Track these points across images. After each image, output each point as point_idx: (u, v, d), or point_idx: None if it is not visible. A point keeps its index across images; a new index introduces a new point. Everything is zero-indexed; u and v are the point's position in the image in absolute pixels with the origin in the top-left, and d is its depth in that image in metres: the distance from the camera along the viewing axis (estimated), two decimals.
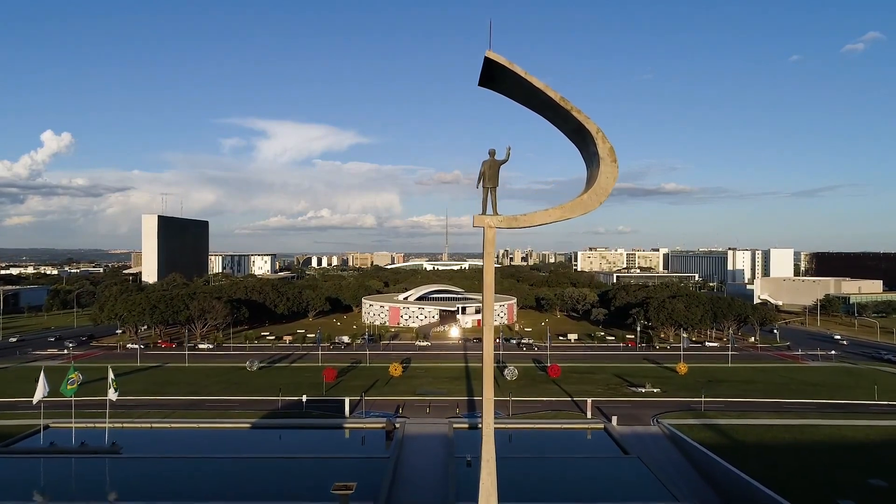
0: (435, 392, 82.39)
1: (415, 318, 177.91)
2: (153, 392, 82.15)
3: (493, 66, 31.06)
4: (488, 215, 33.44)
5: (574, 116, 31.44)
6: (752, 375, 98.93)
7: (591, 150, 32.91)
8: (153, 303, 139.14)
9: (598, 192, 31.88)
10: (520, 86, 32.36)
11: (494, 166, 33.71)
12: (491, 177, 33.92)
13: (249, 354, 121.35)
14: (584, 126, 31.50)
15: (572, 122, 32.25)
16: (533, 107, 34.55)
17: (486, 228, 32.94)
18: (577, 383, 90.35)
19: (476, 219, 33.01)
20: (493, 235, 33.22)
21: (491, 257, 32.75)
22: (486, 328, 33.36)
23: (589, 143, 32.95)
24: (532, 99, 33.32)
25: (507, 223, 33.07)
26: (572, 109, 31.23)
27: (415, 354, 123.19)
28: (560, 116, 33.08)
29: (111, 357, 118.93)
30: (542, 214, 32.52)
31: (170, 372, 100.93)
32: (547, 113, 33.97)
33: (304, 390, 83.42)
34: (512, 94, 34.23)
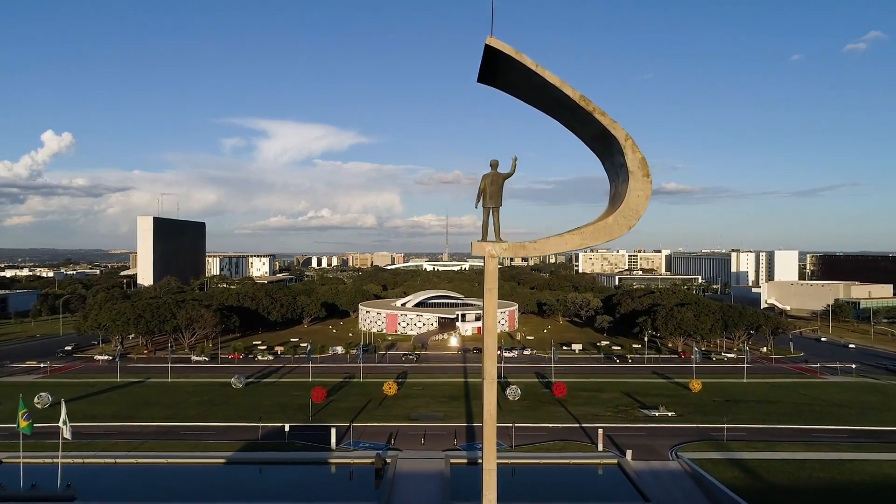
0: (431, 416, 76.11)
1: (413, 326, 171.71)
2: (125, 416, 75.87)
3: (496, 57, 24.90)
4: (490, 241, 27.33)
5: (597, 120, 25.27)
6: (771, 393, 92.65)
7: (617, 162, 26.81)
8: (138, 312, 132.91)
9: (627, 215, 25.76)
10: (528, 81, 26.15)
11: (497, 181, 27.31)
12: (493, 194, 27.06)
13: (237, 368, 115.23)
14: (610, 132, 25.35)
15: (594, 126, 26.10)
16: (543, 107, 28.32)
17: (488, 258, 26.80)
18: (584, 404, 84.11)
19: (475, 246, 26.91)
20: (495, 266, 27.08)
21: (493, 294, 26.58)
22: (487, 381, 27.31)
23: (614, 152, 26.84)
24: (543, 97, 27.13)
25: (514, 251, 26.89)
26: (595, 111, 25.06)
27: (411, 367, 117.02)
28: (578, 119, 26.95)
29: (91, 371, 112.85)
30: (556, 241, 26.37)
31: (149, 389, 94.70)
32: (561, 114, 27.80)
33: (289, 413, 77.31)
34: (517, 91, 27.99)
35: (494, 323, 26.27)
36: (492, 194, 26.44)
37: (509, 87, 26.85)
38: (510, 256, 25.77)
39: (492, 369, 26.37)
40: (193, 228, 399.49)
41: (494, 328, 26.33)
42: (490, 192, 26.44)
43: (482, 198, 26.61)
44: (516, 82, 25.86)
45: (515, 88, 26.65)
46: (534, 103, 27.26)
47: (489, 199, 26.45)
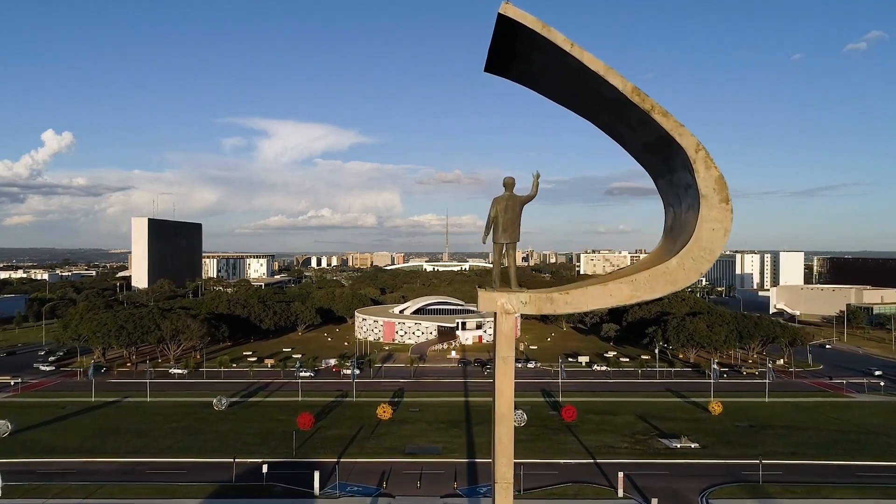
0: (428, 450, 68.75)
1: (411, 335, 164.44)
2: (89, 448, 68.47)
3: (512, 33, 17.43)
4: (503, 290, 19.94)
5: (655, 122, 17.74)
6: (798, 417, 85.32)
7: (681, 181, 19.22)
8: (120, 322, 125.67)
9: (698, 256, 18.22)
10: (555, 68, 18.42)
11: (514, 207, 18.50)
12: (508, 225, 18.50)
13: (223, 384, 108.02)
14: (673, 139, 17.80)
15: (648, 130, 18.53)
16: (575, 103, 20.61)
17: (501, 315, 19.33)
18: (596, 431, 76.85)
19: (484, 298, 19.18)
20: (512, 326, 19.73)
21: (509, 364, 19.25)
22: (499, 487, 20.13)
23: (676, 167, 19.24)
24: (575, 90, 19.45)
25: (537, 305, 19.22)
26: (653, 110, 17.49)
27: (408, 383, 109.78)
28: (626, 121, 19.41)
29: (67, 387, 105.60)
30: (597, 292, 18.83)
31: (124, 412, 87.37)
32: (600, 114, 20.19)
33: (271, 444, 70.07)
34: (538, 83, 20.20)
35: (510, 407, 19.00)
36: (506, 225, 18.96)
37: (527, 77, 19.41)
38: (533, 313, 18.27)
39: (507, 471, 19.10)
40: (189, 229, 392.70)
41: (510, 414, 19.05)
42: (504, 221, 18.93)
43: (493, 230, 19.21)
44: (538, 69, 18.44)
45: (536, 78, 19.22)
46: (561, 98, 19.83)
47: (502, 232, 18.98)
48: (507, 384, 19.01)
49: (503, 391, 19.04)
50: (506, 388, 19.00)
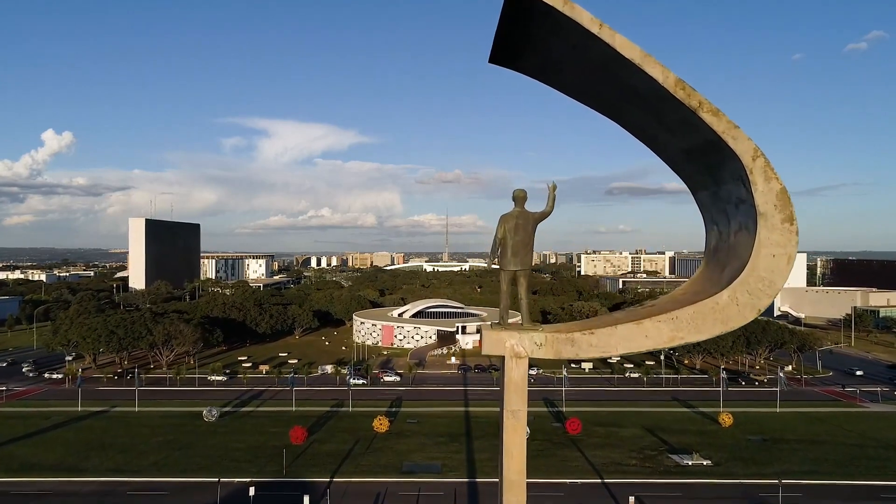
0: (427, 467, 65.27)
1: (410, 339, 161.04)
2: (69, 466, 64.94)
3: (526, 12, 13.87)
4: (514, 327, 14.72)
5: (703, 122, 13.86)
6: (812, 429, 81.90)
7: (730, 195, 15.35)
8: (110, 328, 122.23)
9: (755, 289, 14.41)
10: (577, 55, 14.48)
11: (526, 226, 14.46)
12: (519, 247, 14.57)
13: (214, 393, 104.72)
14: (724, 144, 13.86)
15: (694, 132, 14.64)
16: (598, 99, 17.01)
17: (510, 359, 15.77)
18: (603, 445, 73.43)
19: (489, 338, 15.09)
20: (523, 373, 16.08)
21: (520, 420, 15.75)
22: None
23: (725, 178, 15.36)
24: (600, 83, 15.78)
25: (555, 347, 15.16)
26: (701, 107, 13.59)
27: (406, 392, 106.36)
28: (664, 121, 15.51)
29: (54, 395, 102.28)
30: (629, 332, 14.87)
31: (110, 423, 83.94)
32: (630, 112, 16.34)
33: (261, 461, 66.62)
34: (550, 74, 16.53)
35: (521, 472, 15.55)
36: (516, 248, 15.40)
37: (540, 69, 15.87)
38: (550, 357, 14.43)
39: None
40: (187, 230, 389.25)
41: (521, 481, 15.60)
42: (514, 244, 15.33)
43: (500, 253, 15.73)
44: (555, 59, 14.90)
45: (551, 70, 15.68)
46: (581, 94, 16.28)
47: (511, 256, 15.42)
48: (518, 444, 15.56)
49: (513, 453, 15.55)
50: (516, 449, 15.54)
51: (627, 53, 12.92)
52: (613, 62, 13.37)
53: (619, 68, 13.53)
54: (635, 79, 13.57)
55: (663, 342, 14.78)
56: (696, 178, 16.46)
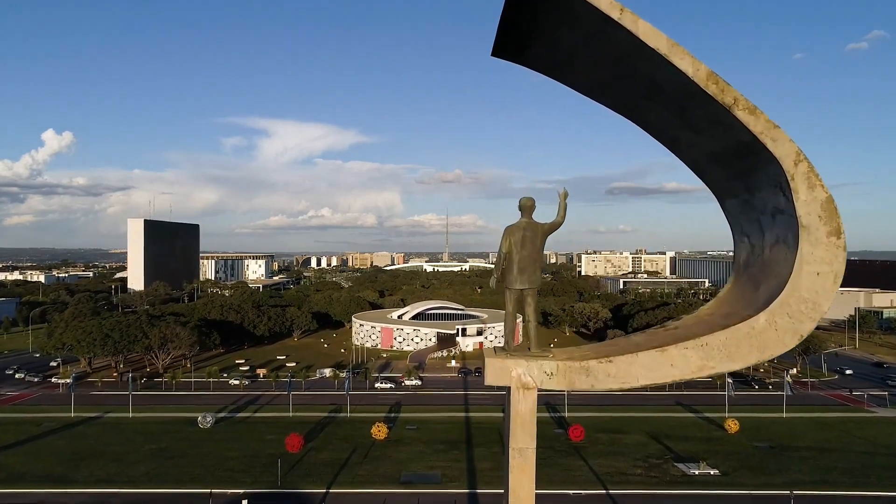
0: (426, 477, 63.49)
1: (409, 341, 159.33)
2: (58, 476, 63.11)
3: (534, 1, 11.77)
4: (521, 354, 12.61)
5: (737, 122, 12.42)
6: (820, 436, 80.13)
7: (766, 203, 13.31)
8: (106, 331, 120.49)
9: (797, 312, 12.26)
10: (590, 47, 12.60)
11: (535, 238, 12.34)
12: (527, 262, 12.57)
13: (210, 397, 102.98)
14: (763, 146, 12.07)
15: (726, 133, 12.47)
16: (609, 94, 14.95)
17: (517, 391, 13.96)
18: (607, 453, 71.64)
19: (493, 366, 12.87)
20: (532, 405, 14.22)
21: (528, 460, 14.01)
22: None
23: (760, 183, 13.38)
24: (615, 77, 13.79)
25: (567, 378, 13.06)
26: (736, 105, 11.98)
27: (406, 396, 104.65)
28: (689, 121, 13.37)
29: (48, 400, 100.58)
30: (650, 362, 12.85)
31: (102, 430, 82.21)
32: (651, 109, 14.07)
33: (256, 470, 64.82)
34: (561, 68, 14.34)
35: None
36: (523, 264, 13.51)
37: (549, 62, 13.98)
38: (562, 388, 12.32)
39: None
40: (187, 230, 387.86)
41: None
42: (520, 259, 13.29)
43: (506, 269, 14.00)
44: (567, 50, 13.07)
45: (562, 63, 13.79)
46: (595, 90, 14.32)
47: (518, 273, 13.56)
48: (526, 486, 13.76)
49: (520, 495, 13.73)
50: (523, 491, 13.72)
51: (652, 42, 11.17)
52: (634, 53, 11.63)
53: (641, 60, 11.78)
54: (659, 72, 11.82)
55: (691, 372, 13.03)
56: (724, 183, 14.68)
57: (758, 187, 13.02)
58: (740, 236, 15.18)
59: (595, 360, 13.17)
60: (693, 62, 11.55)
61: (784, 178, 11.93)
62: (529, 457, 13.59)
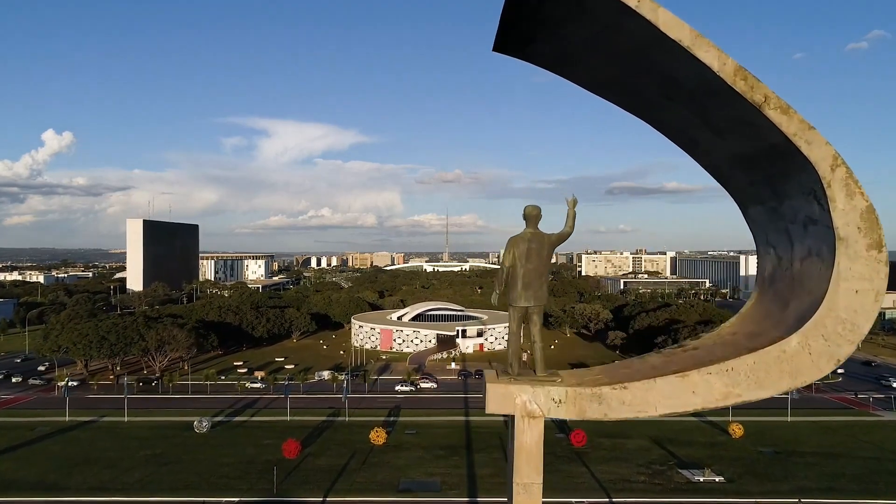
0: (425, 485, 62.26)
1: (409, 343, 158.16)
2: (49, 484, 61.93)
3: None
4: (526, 379, 10.92)
5: (767, 122, 11.05)
6: (826, 440, 78.93)
7: (797, 212, 11.77)
8: (102, 333, 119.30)
9: (834, 335, 10.62)
10: (603, 40, 11.21)
11: (542, 250, 11.04)
12: (532, 278, 11.19)
13: (207, 400, 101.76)
14: (796, 149, 10.86)
15: (752, 134, 10.90)
16: (622, 92, 13.52)
17: (522, 420, 12.66)
18: (609, 459, 70.44)
19: (495, 392, 11.24)
20: (539, 436, 12.90)
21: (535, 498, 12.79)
22: None
23: (790, 190, 11.99)
24: (629, 73, 12.56)
25: (578, 406, 11.48)
26: (767, 104, 10.46)
27: (405, 399, 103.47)
28: (710, 121, 11.92)
29: (43, 404, 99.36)
30: (670, 389, 11.12)
31: (97, 435, 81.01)
32: (666, 109, 13.49)
33: (252, 477, 63.60)
34: (569, 64, 12.75)
35: None
36: (528, 279, 11.84)
37: (557, 58, 12.59)
38: (572, 417, 10.79)
39: None
40: (186, 231, 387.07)
41: None
42: (525, 272, 11.78)
43: (510, 284, 12.23)
44: (577, 44, 11.74)
45: (571, 58, 12.38)
46: (606, 87, 12.90)
47: (523, 289, 11.93)
48: None
49: None
50: None
51: (674, 34, 9.91)
52: (652, 46, 10.38)
53: (659, 54, 10.53)
54: (680, 67, 10.56)
55: (714, 400, 11.79)
56: (748, 189, 13.39)
57: (787, 194, 11.75)
58: (765, 247, 13.90)
59: (608, 386, 11.94)
60: (719, 55, 10.29)
61: (819, 184, 10.68)
62: (535, 493, 12.31)
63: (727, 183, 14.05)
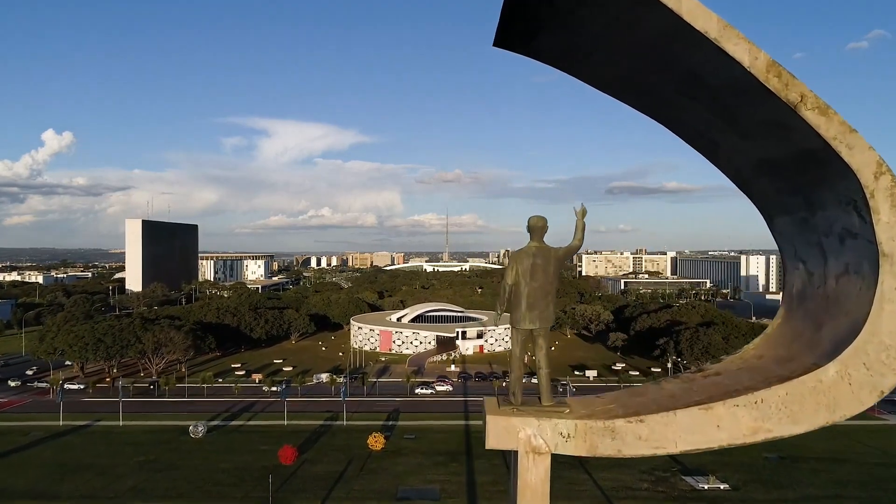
0: (424, 493, 61.04)
1: (408, 344, 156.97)
2: (41, 490, 60.66)
3: None
4: (531, 410, 9.30)
5: (803, 125, 9.89)
6: (831, 445, 77.59)
7: (832, 223, 10.35)
8: (98, 336, 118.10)
9: (877, 363, 9.06)
10: (617, 33, 9.83)
11: (547, 266, 9.40)
12: (538, 298, 9.60)
13: (204, 403, 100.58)
14: (836, 154, 10.00)
15: (784, 138, 9.46)
16: (636, 91, 12.33)
17: (526, 456, 11.55)
18: (612, 465, 69.08)
19: (495, 424, 9.80)
20: (545, 473, 11.60)
21: None
22: None
23: (824, 199, 10.25)
24: (646, 70, 11.43)
25: (588, 442, 9.68)
26: (803, 103, 9.19)
27: (404, 402, 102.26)
28: (734, 123, 10.69)
29: (38, 407, 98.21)
30: (692, 423, 9.80)
31: (90, 440, 79.78)
32: (686, 109, 12.12)
33: (247, 485, 62.45)
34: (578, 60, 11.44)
35: None
36: (533, 298, 10.51)
37: (563, 51, 11.29)
38: (582, 454, 9.32)
39: None
40: (185, 231, 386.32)
41: None
42: (530, 291, 10.36)
43: (512, 304, 11.45)
44: (588, 35, 10.50)
45: (580, 54, 11.13)
46: (615, 85, 11.47)
47: (528, 308, 10.92)
48: None
49: None
50: None
51: (700, 25, 8.65)
52: (673, 39, 9.15)
53: (681, 48, 9.28)
54: (704, 62, 9.31)
55: (742, 436, 10.55)
56: (776, 198, 12.09)
57: (822, 204, 10.49)
58: (794, 262, 12.61)
59: (622, 418, 10.70)
60: (750, 49, 9.04)
61: (861, 194, 9.46)
62: None
63: (750, 190, 12.77)
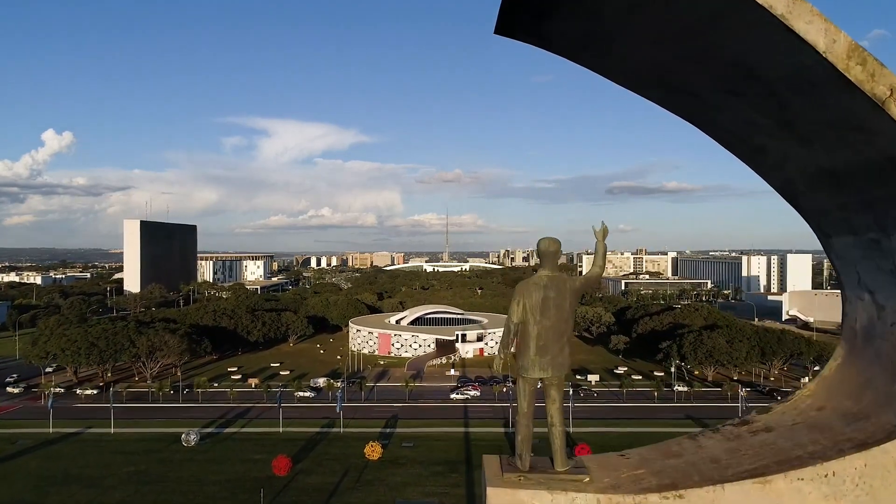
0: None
1: (407, 347, 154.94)
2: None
3: None
4: (541, 478, 7.08)
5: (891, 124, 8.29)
6: None
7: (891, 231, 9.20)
8: (91, 340, 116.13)
9: None
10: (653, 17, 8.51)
11: (562, 300, 7.01)
12: (551, 339, 7.27)
13: (199, 409, 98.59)
14: None
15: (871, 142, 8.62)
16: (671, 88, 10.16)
17: None
18: None
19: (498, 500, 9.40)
20: None
21: None
22: None
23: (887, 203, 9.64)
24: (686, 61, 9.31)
25: None
26: (894, 99, 8.21)
27: (403, 408, 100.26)
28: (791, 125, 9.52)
29: (27, 415, 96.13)
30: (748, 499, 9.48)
31: (80, 449, 77.78)
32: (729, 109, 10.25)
33: (240, 496, 60.56)
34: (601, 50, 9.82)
35: None
36: (545, 339, 7.92)
37: (578, 39, 9.24)
38: None
39: None
40: (184, 231, 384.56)
41: None
42: (541, 331, 7.83)
43: (521, 347, 9.34)
44: (609, 19, 8.34)
45: (598, 38, 9.14)
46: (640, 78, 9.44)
47: (538, 352, 8.59)
48: None
49: None
50: None
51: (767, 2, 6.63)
52: (721, 20, 7.08)
53: (728, 31, 7.16)
54: (758, 48, 7.15)
55: None
56: (837, 214, 9.87)
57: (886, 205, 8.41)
58: (857, 291, 10.43)
59: (657, 493, 8.49)
60: (827, 28, 6.93)
61: None
62: None
63: (803, 204, 10.58)
